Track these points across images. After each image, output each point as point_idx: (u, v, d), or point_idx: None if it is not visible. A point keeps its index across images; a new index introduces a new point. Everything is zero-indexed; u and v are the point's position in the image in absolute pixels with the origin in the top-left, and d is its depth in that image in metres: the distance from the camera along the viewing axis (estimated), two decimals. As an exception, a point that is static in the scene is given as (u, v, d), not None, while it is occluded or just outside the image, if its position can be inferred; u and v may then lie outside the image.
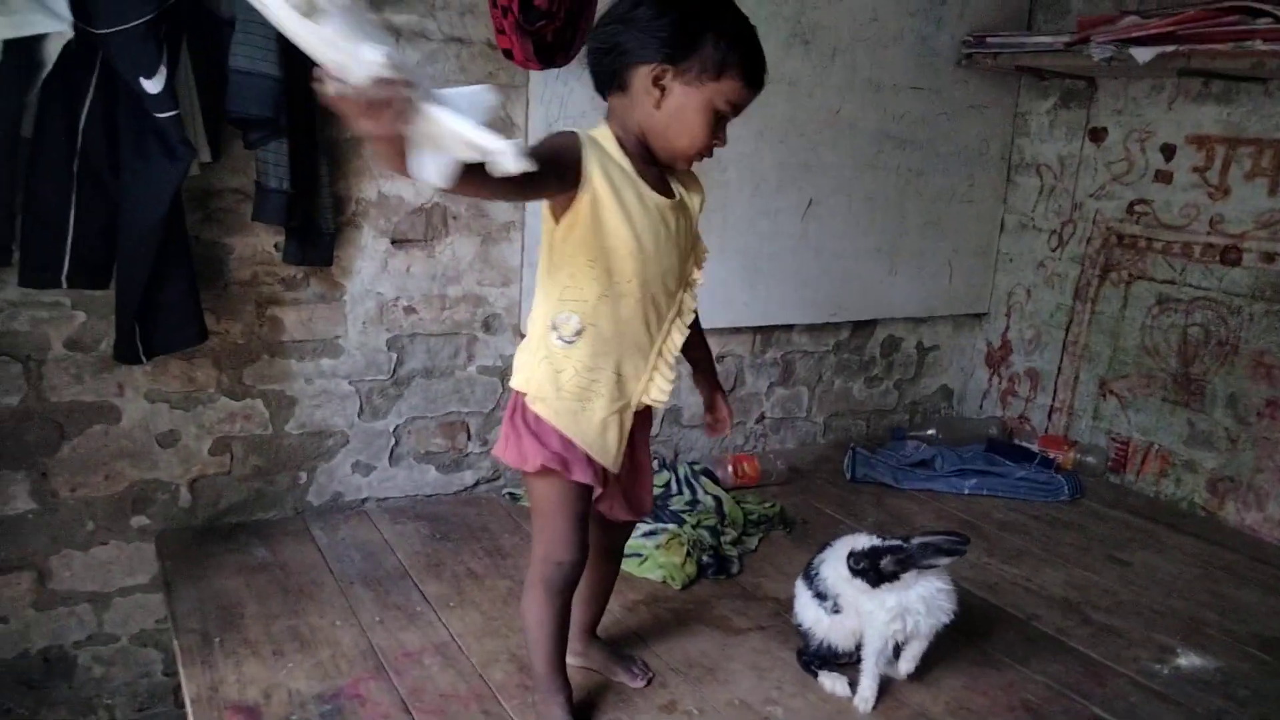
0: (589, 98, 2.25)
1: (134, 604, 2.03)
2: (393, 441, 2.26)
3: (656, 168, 1.36)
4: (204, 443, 2.04)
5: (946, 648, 1.75)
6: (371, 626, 1.73)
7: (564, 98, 2.23)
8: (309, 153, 1.93)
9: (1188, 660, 1.76)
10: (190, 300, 1.85)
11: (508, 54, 1.81)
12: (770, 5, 2.42)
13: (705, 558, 2.07)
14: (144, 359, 1.83)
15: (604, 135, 1.33)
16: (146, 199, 1.74)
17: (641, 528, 2.19)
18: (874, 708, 1.56)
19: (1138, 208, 2.61)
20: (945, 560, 1.53)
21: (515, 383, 1.41)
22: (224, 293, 2.00)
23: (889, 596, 1.52)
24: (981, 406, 3.08)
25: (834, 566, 1.59)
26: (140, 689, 2.07)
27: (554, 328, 1.36)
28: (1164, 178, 2.55)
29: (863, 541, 1.55)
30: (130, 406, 1.95)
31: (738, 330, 2.67)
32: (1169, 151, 2.53)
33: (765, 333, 2.73)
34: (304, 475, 2.17)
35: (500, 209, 2.24)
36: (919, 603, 1.52)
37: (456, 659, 1.65)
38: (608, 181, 1.27)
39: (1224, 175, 2.42)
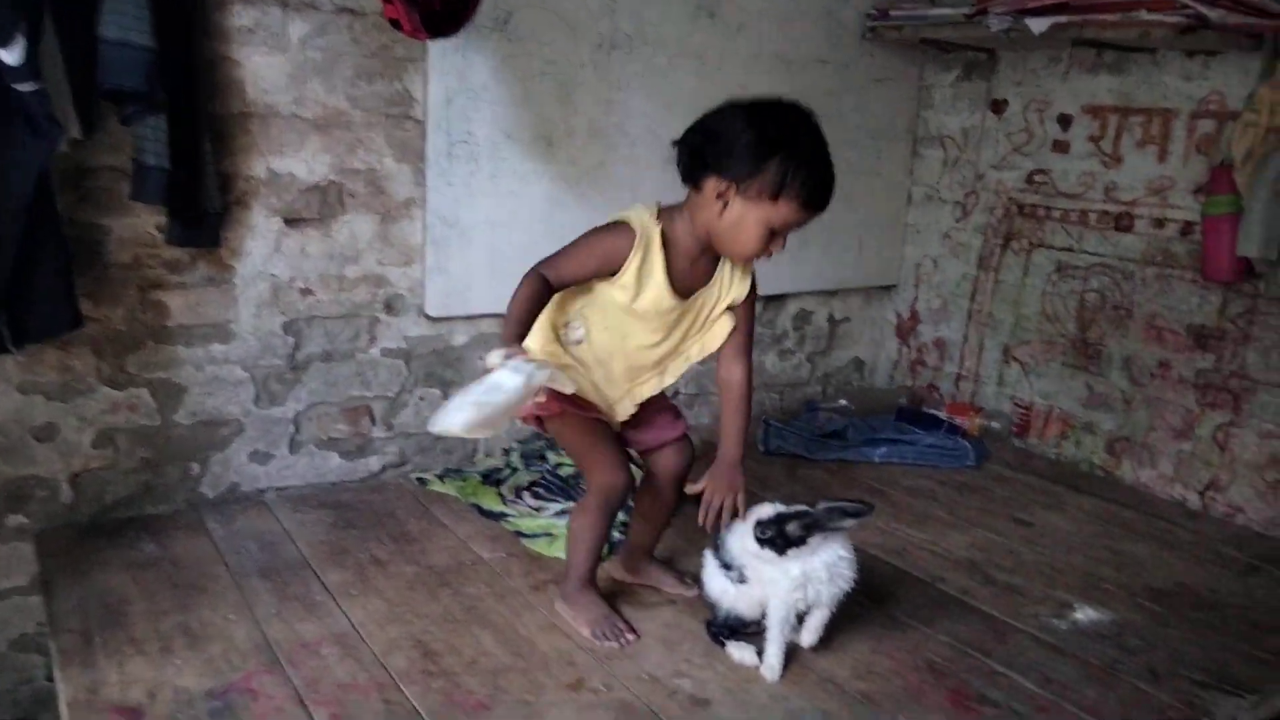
0: (489, 70, 2.21)
1: (12, 607, 1.93)
2: (292, 428, 2.18)
3: (710, 255, 1.59)
4: (85, 435, 1.94)
5: (853, 613, 1.76)
6: (267, 619, 1.67)
7: (463, 70, 2.17)
8: (190, 129, 1.84)
9: (1084, 614, 1.81)
10: (63, 285, 1.75)
11: (395, 24, 1.74)
12: (674, -24, 2.40)
13: (617, 533, 2.05)
14: (14, 348, 1.72)
15: (656, 232, 1.54)
16: (11, 179, 1.63)
17: (553, 506, 2.17)
18: (781, 676, 1.56)
19: (1037, 177, 2.67)
20: (851, 522, 1.54)
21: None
22: (103, 277, 1.90)
23: (793, 565, 1.52)
24: (892, 377, 3.13)
25: (740, 537, 1.58)
26: (21, 696, 1.97)
27: (566, 325, 1.62)
28: (1061, 147, 2.61)
29: (768, 510, 1.55)
30: (1, 399, 1.84)
31: (650, 306, 2.64)
32: (1065, 122, 2.59)
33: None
34: (196, 466, 2.08)
35: (399, 185, 2.17)
36: (822, 569, 1.53)
37: (357, 648, 1.60)
38: (635, 281, 1.54)
39: (1117, 144, 2.48)
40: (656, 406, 1.74)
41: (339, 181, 2.10)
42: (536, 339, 1.60)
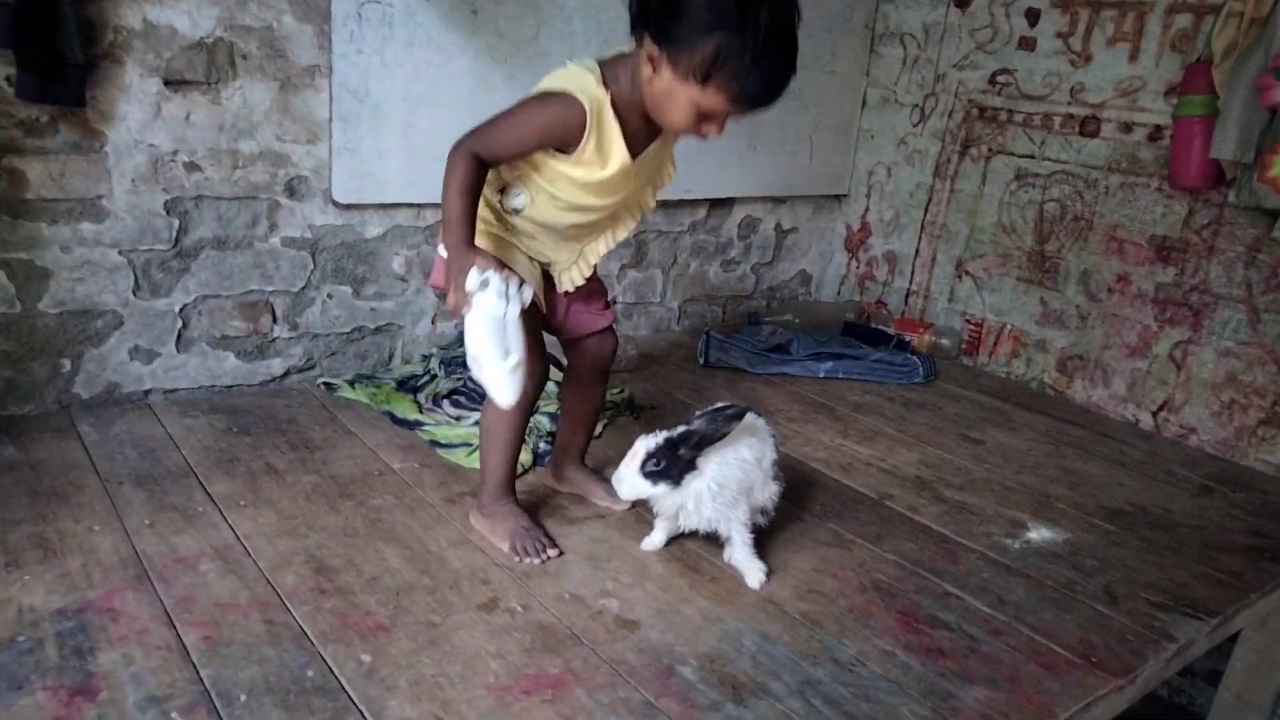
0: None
1: None
2: (179, 323, 1.94)
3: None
4: (-73, 321, 1.68)
5: (795, 529, 1.64)
6: (138, 531, 1.47)
7: (374, -82, 1.89)
8: (41, -41, 1.55)
9: (1038, 534, 1.71)
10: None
11: None
12: None
13: (542, 444, 1.88)
14: None
15: (606, 102, 1.33)
16: None
17: (473, 415, 1.98)
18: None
19: (1000, 78, 2.50)
20: (734, 425, 1.41)
21: None
22: (-59, 136, 1.62)
23: (699, 483, 1.40)
24: (839, 292, 2.98)
25: (631, 478, 1.41)
26: None
27: (503, 192, 1.45)
28: (1027, 44, 2.44)
29: (648, 441, 1.40)
30: None
31: (585, 205, 2.43)
32: (1033, 16, 2.42)
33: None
34: (67, 363, 1.84)
35: (300, 48, 1.90)
36: (736, 468, 1.42)
37: (240, 563, 1.41)
38: (597, 156, 1.35)
39: (1086, 41, 2.32)
40: (586, 291, 1.58)
41: (228, 39, 1.83)
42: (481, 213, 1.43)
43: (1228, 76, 1.95)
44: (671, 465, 1.39)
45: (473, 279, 1.29)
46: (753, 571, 1.46)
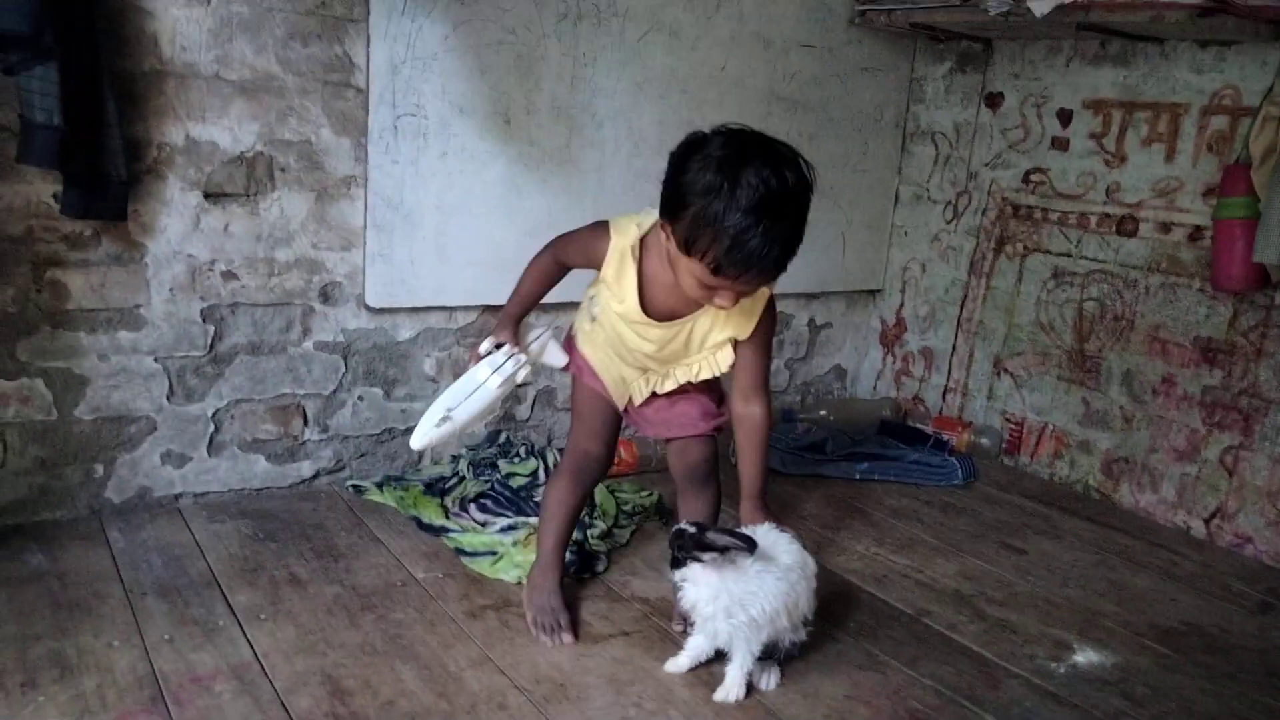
0: (440, 37, 2.01)
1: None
2: (211, 428, 1.96)
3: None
4: (-34, 430, 1.71)
5: (828, 649, 1.58)
6: (157, 646, 1.45)
7: (411, 36, 1.96)
8: (90, 84, 1.62)
9: (1084, 656, 1.62)
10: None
11: (324, -32, 1.54)
12: (648, -54, 2.20)
13: (568, 554, 1.84)
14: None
15: (632, 246, 1.44)
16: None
17: (500, 522, 1.96)
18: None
19: (1034, 177, 2.49)
20: (710, 555, 1.37)
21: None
22: (-10, 251, 1.68)
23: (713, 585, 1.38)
24: (875, 387, 2.94)
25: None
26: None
27: (591, 299, 1.58)
28: (1060, 145, 2.43)
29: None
30: None
31: (616, 304, 2.44)
32: (1065, 117, 2.41)
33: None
34: (100, 468, 1.86)
35: (338, 160, 1.96)
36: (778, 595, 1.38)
37: (256, 684, 1.38)
38: (616, 286, 1.47)
39: (1120, 142, 2.31)
40: (688, 396, 1.60)
41: (268, 153, 1.88)
42: (581, 307, 1.63)
43: (1268, 179, 1.92)
44: (685, 553, 1.37)
45: (487, 344, 1.56)
46: (726, 691, 1.40)
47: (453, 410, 1.48)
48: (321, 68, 1.90)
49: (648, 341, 1.50)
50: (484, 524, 1.96)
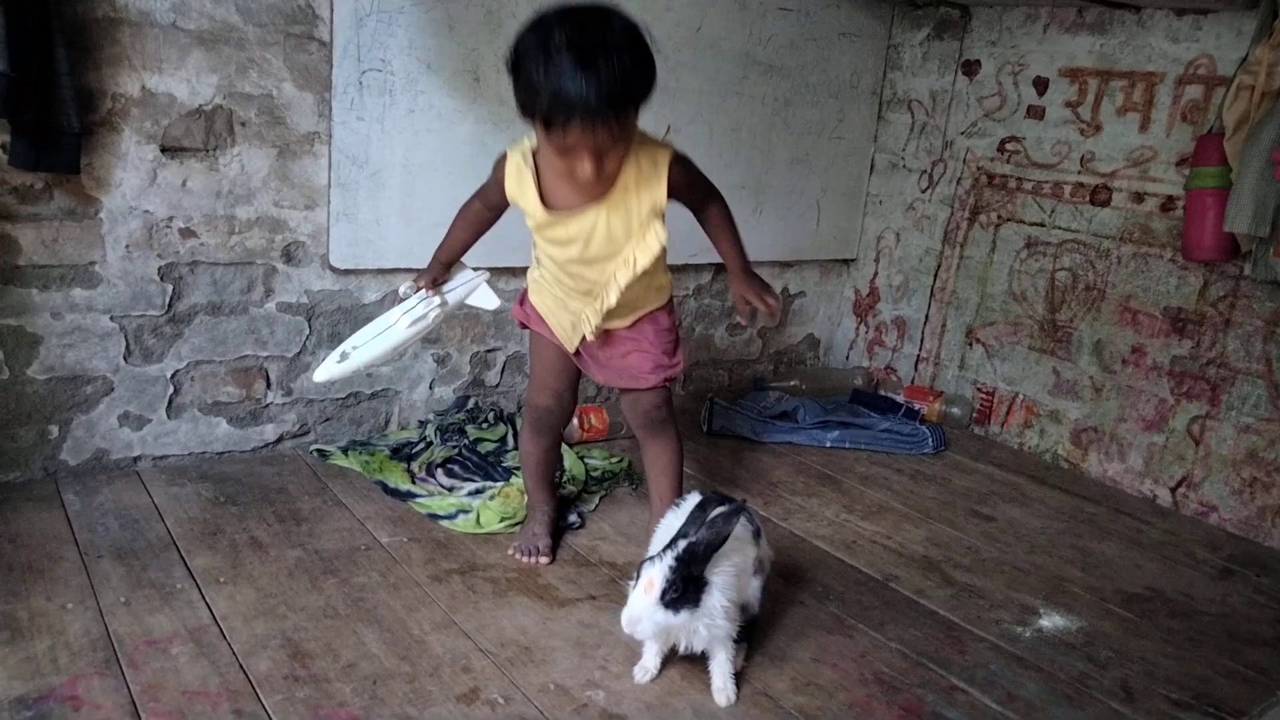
0: (401, -17, 1.95)
1: None
2: (171, 389, 1.91)
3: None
4: (-89, 388, 1.66)
5: (796, 614, 1.57)
6: (113, 609, 1.42)
7: (377, -12, 1.90)
8: (39, 31, 1.56)
9: (1050, 621, 1.63)
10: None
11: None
12: (623, -99, 2.14)
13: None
14: None
15: (524, 153, 1.50)
16: None
17: (467, 486, 1.94)
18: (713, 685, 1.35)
19: (1009, 145, 2.48)
20: (735, 523, 1.29)
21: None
22: (-65, 203, 1.62)
23: (711, 600, 1.27)
24: (848, 356, 2.93)
25: (651, 620, 1.26)
26: None
27: (535, 244, 1.59)
28: (1036, 113, 2.41)
29: (661, 569, 1.25)
30: None
31: (588, 270, 2.41)
32: (1041, 85, 2.40)
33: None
34: (55, 429, 1.81)
35: (300, 116, 1.90)
36: (734, 577, 1.31)
37: (214, 646, 1.36)
38: (520, 195, 1.51)
39: (1096, 110, 2.30)
40: (640, 348, 1.62)
41: (227, 107, 1.83)
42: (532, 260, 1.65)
43: (1240, 149, 1.91)
44: (689, 586, 1.25)
45: (405, 287, 1.63)
46: (725, 692, 1.34)
47: (357, 349, 1.55)
48: (283, 19, 1.84)
49: (572, 244, 1.49)
50: (450, 489, 1.94)
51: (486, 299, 1.69)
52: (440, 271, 1.65)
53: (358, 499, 1.87)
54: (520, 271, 1.79)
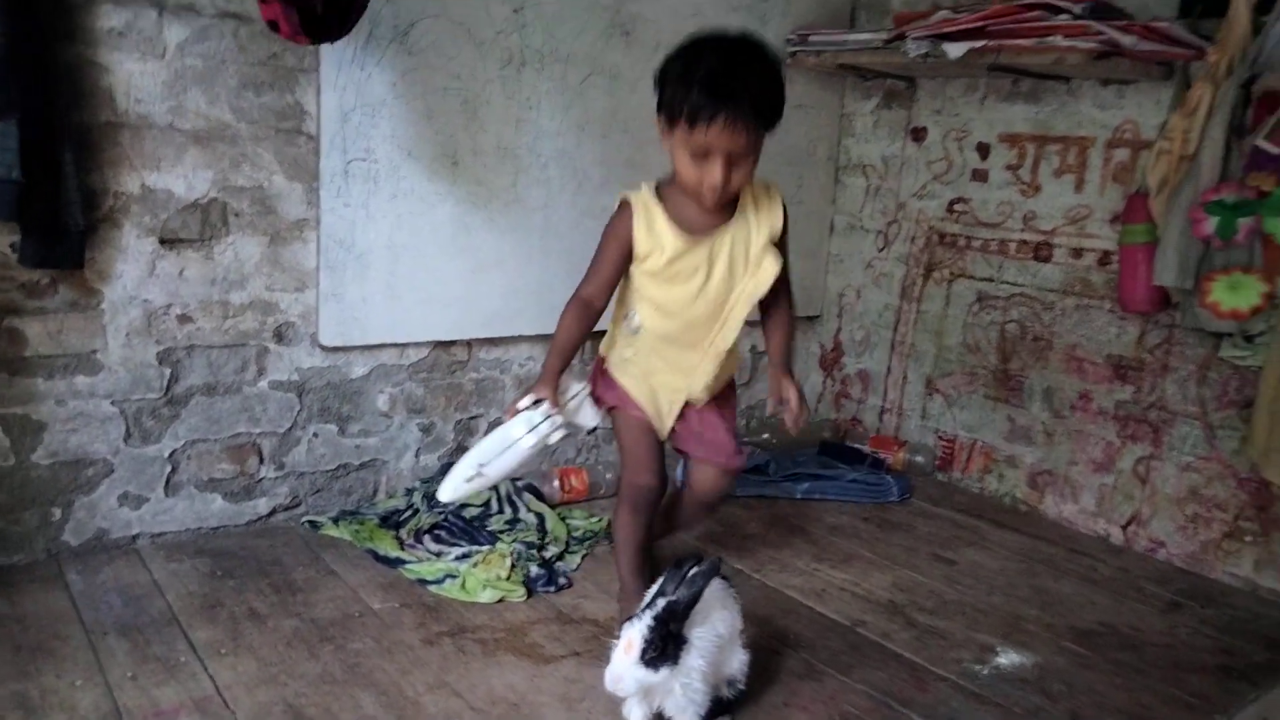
0: (388, 84, 2.09)
1: None
2: (169, 468, 2.00)
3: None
4: (-77, 478, 1.74)
5: (768, 660, 1.67)
6: (120, 684, 1.49)
7: (360, 84, 2.04)
8: (48, 138, 1.67)
9: (1007, 658, 1.73)
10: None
11: (273, 26, 1.61)
12: (588, -7, 2.31)
13: (534, 568, 1.93)
14: None
15: (650, 194, 1.60)
16: None
17: (454, 551, 2.03)
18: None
19: (957, 206, 2.64)
20: (709, 580, 1.38)
21: (601, 347, 1.78)
22: (-54, 301, 1.72)
23: (689, 659, 1.36)
24: (816, 409, 3.06)
25: (632, 677, 1.34)
26: None
27: (626, 317, 1.69)
28: (980, 176, 2.58)
29: (640, 628, 1.33)
30: None
31: (564, 336, 2.52)
32: (984, 150, 2.57)
33: (595, 339, 2.59)
34: (58, 511, 1.89)
35: (290, 204, 2.02)
36: (713, 643, 1.39)
37: (219, 716, 1.44)
38: (650, 239, 1.58)
39: (1035, 173, 2.46)
40: (721, 423, 1.74)
41: (222, 199, 1.95)
42: (607, 338, 1.76)
43: (1164, 207, 2.07)
44: (668, 644, 1.33)
45: (526, 400, 1.61)
46: None
47: (484, 467, 1.57)
48: (274, 116, 1.97)
49: (694, 277, 1.59)
50: (438, 554, 2.02)
51: (589, 417, 1.70)
52: (555, 383, 1.64)
53: (349, 567, 1.95)
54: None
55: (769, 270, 1.62)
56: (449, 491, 1.59)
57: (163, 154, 1.87)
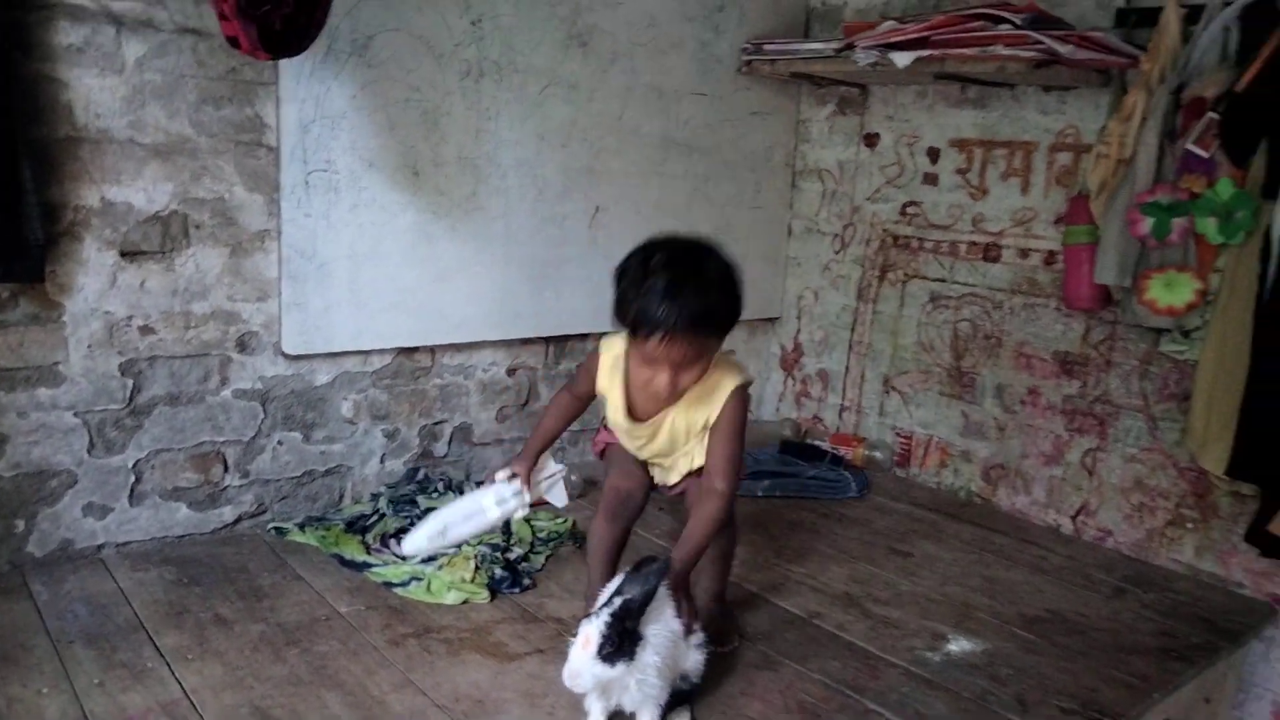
0: (348, 97, 2.12)
1: None
2: (133, 478, 2.01)
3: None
4: (-116, 492, 1.75)
5: (725, 655, 1.71)
6: (87, 691, 1.51)
7: (320, 97, 2.07)
8: (6, 154, 1.69)
9: (958, 645, 1.79)
10: None
11: (233, 42, 1.64)
12: (545, 6, 2.36)
13: (498, 570, 1.96)
14: None
15: (619, 356, 1.66)
16: None
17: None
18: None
19: (909, 209, 2.71)
20: (663, 576, 1.42)
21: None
22: (-94, 316, 1.72)
23: (646, 655, 1.41)
24: (778, 409, 3.12)
25: (590, 673, 1.39)
26: None
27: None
28: (931, 180, 2.65)
29: (596, 625, 1.38)
30: None
31: (528, 341, 2.57)
32: (934, 155, 2.64)
33: (558, 343, 2.64)
34: (21, 523, 1.90)
35: (251, 216, 2.05)
36: (668, 640, 1.44)
37: (187, 719, 1.46)
38: (608, 391, 1.70)
39: (983, 176, 2.54)
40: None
41: (182, 212, 1.97)
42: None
43: (1104, 209, 2.15)
44: (624, 641, 1.37)
45: (502, 474, 1.74)
46: None
47: (450, 528, 1.69)
48: (233, 129, 2.00)
49: (638, 439, 1.70)
50: (404, 558, 2.05)
51: (559, 495, 1.86)
52: (533, 461, 1.77)
53: (316, 572, 1.97)
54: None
55: (696, 461, 1.68)
56: (412, 546, 1.69)
57: (123, 168, 1.89)
